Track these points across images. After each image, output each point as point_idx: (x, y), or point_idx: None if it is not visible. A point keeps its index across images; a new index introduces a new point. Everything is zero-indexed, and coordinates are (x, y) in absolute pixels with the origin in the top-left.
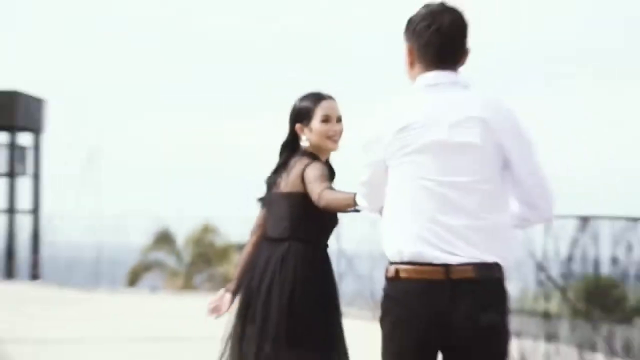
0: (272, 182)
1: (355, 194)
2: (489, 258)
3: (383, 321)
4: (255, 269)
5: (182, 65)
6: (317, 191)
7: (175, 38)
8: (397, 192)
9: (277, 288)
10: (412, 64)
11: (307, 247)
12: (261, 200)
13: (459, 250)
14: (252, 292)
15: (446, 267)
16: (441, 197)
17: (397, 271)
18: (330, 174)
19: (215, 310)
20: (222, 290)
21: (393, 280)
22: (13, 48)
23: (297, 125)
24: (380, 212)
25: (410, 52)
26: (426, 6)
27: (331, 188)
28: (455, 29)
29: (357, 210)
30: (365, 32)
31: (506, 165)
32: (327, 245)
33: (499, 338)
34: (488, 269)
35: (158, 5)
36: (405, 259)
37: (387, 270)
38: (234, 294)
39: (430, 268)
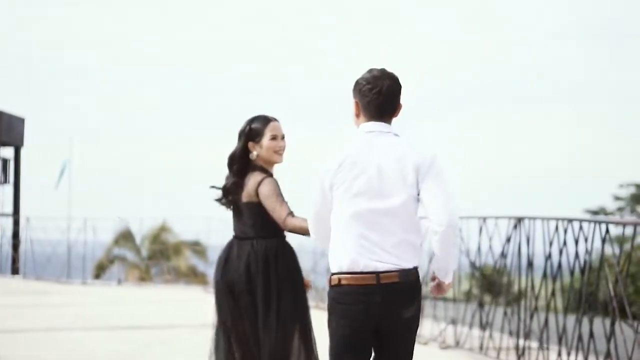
0: (229, 188)
1: None
2: (408, 265)
3: (330, 320)
4: (228, 263)
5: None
6: (282, 216)
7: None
8: (337, 218)
9: (255, 277)
10: (357, 115)
11: (269, 241)
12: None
13: (384, 260)
14: (233, 283)
15: (376, 274)
16: (370, 220)
17: (339, 279)
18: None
19: None
20: None
21: (336, 287)
22: None
23: (250, 143)
24: (326, 244)
25: (357, 106)
26: (370, 71)
27: (291, 213)
28: (391, 92)
29: None
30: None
31: (419, 193)
32: (284, 236)
33: (416, 324)
34: (408, 274)
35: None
36: (344, 270)
37: (331, 280)
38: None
39: (364, 276)
